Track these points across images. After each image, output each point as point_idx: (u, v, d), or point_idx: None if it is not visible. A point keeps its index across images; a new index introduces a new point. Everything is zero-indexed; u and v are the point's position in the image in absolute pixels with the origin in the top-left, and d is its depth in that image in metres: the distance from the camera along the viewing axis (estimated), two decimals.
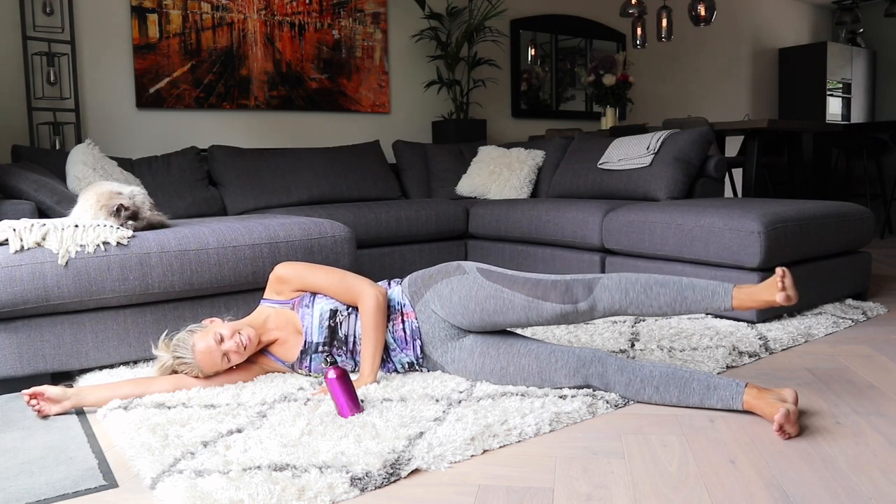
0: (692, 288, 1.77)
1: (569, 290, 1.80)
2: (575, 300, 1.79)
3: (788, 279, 1.71)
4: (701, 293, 1.76)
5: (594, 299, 1.79)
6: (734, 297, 1.74)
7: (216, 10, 4.37)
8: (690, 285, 1.77)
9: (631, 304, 1.78)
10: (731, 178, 5.68)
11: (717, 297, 1.75)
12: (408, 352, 2.01)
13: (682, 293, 1.76)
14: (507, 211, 3.62)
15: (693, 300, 1.76)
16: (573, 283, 1.81)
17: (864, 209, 3.01)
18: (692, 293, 1.76)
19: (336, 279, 2.01)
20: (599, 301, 1.79)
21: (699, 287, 1.76)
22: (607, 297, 1.78)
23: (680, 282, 1.78)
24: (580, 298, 1.79)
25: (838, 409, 1.78)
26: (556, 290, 1.81)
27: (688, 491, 1.34)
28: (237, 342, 1.90)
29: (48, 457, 1.57)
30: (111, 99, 4.08)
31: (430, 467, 1.45)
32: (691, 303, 1.76)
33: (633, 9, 5.73)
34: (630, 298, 1.78)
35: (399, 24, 5.20)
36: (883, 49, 8.82)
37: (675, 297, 1.77)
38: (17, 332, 2.03)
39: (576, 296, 1.79)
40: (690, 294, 1.76)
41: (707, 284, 1.77)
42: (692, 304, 1.76)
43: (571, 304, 1.79)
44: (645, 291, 1.78)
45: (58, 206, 2.65)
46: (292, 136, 4.77)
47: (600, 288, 1.79)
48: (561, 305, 1.80)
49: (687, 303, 1.76)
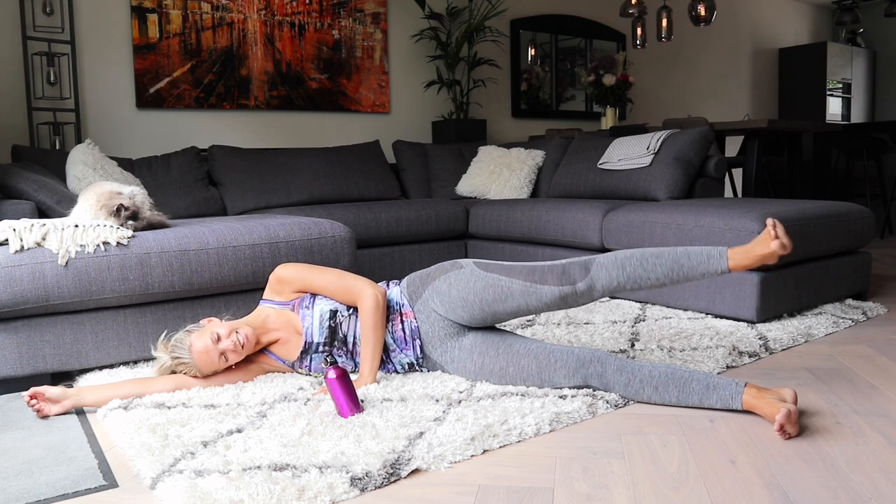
0: (687, 255, 1.77)
1: (566, 272, 1.81)
2: (573, 281, 1.79)
3: (780, 228, 1.71)
4: (696, 259, 1.76)
5: (591, 279, 1.79)
6: (730, 258, 1.74)
7: (216, 10, 4.37)
8: (685, 253, 1.77)
9: (629, 279, 1.78)
10: (731, 178, 5.68)
11: (713, 261, 1.75)
12: (407, 352, 2.01)
13: (678, 261, 1.76)
14: (507, 211, 3.62)
15: (689, 267, 1.76)
16: (569, 266, 1.82)
17: (864, 209, 3.01)
18: (688, 260, 1.76)
19: (335, 279, 2.01)
20: (597, 280, 1.79)
21: (694, 254, 1.76)
22: (605, 275, 1.79)
23: (675, 251, 1.78)
24: (578, 279, 1.79)
25: (838, 409, 1.78)
26: (553, 273, 1.81)
27: (688, 491, 1.34)
28: (234, 341, 1.90)
29: (48, 457, 1.57)
30: (111, 99, 4.08)
31: (430, 467, 1.45)
32: (688, 270, 1.76)
33: (633, 9, 5.73)
34: (627, 273, 1.78)
35: (399, 24, 5.20)
36: (883, 49, 8.82)
37: (672, 267, 1.76)
38: (17, 332, 2.03)
39: (573, 277, 1.80)
40: (686, 261, 1.76)
41: (702, 250, 1.77)
42: (689, 271, 1.76)
43: (570, 286, 1.79)
44: (641, 265, 1.78)
45: (58, 206, 2.65)
46: (292, 136, 4.77)
47: (597, 267, 1.80)
48: (559, 287, 1.80)
49: (684, 270, 1.76)
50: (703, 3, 5.35)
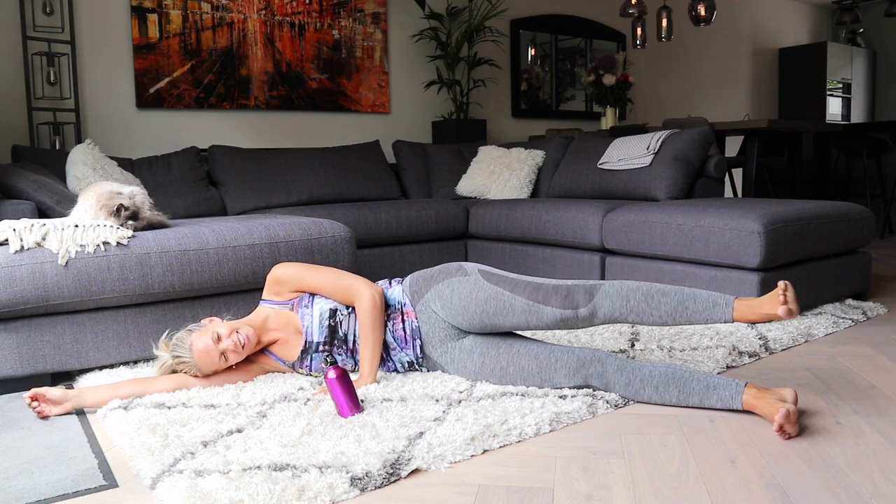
0: (693, 298, 1.75)
1: (570, 295, 1.80)
2: (575, 305, 1.79)
3: (791, 293, 1.69)
4: (702, 304, 1.74)
5: (595, 305, 1.78)
6: (735, 310, 1.72)
7: (216, 10, 4.37)
8: (692, 296, 1.76)
9: (631, 311, 1.78)
10: (731, 178, 5.68)
11: (717, 309, 1.73)
12: (408, 351, 2.01)
13: (683, 303, 1.75)
14: (507, 211, 3.62)
15: (694, 311, 1.75)
16: (574, 289, 1.81)
17: (864, 209, 3.01)
18: (693, 304, 1.75)
19: (332, 279, 2.01)
20: (600, 308, 1.78)
21: (700, 298, 1.75)
22: (608, 304, 1.78)
23: (681, 292, 1.77)
24: (581, 304, 1.79)
25: (838, 409, 1.77)
26: (558, 294, 1.81)
27: (688, 491, 1.34)
28: (234, 341, 1.90)
29: (48, 457, 1.57)
30: (111, 99, 4.08)
31: (430, 467, 1.45)
32: (692, 314, 1.75)
33: (633, 9, 5.73)
34: (631, 306, 1.77)
35: (399, 24, 5.20)
36: (883, 49, 8.82)
37: (676, 308, 1.76)
38: (17, 332, 2.03)
39: (576, 301, 1.79)
40: (692, 305, 1.75)
41: (709, 296, 1.76)
42: (693, 315, 1.75)
43: (572, 310, 1.79)
44: (646, 300, 1.77)
45: (58, 206, 2.65)
46: (292, 136, 4.77)
47: (601, 294, 1.79)
48: (561, 311, 1.80)
49: (688, 313, 1.75)
50: (703, 3, 5.35)
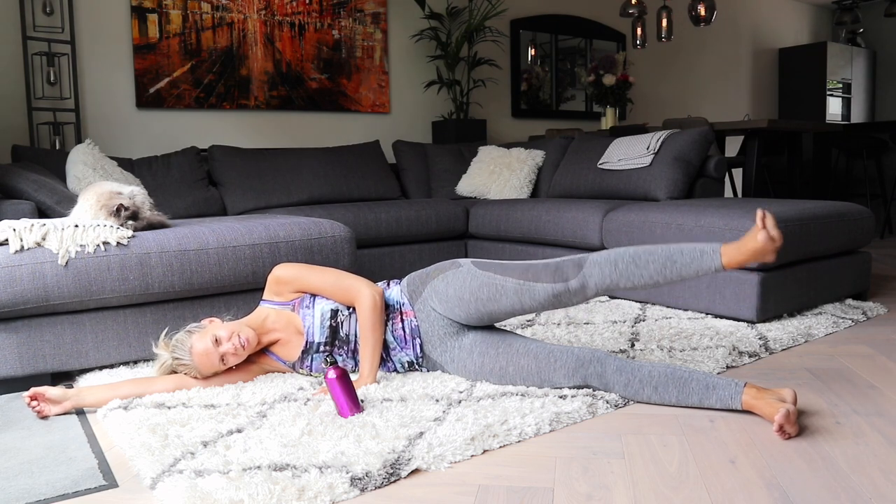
0: (680, 252, 1.76)
1: (559, 269, 1.80)
2: (566, 278, 1.79)
3: (770, 220, 1.70)
4: (689, 256, 1.75)
5: (584, 276, 1.78)
6: (723, 254, 1.73)
7: (216, 10, 4.37)
8: (678, 250, 1.76)
9: (621, 276, 1.77)
10: (731, 178, 5.68)
11: (706, 258, 1.74)
12: (407, 351, 2.01)
13: (671, 258, 1.75)
14: (507, 211, 3.62)
15: (683, 263, 1.75)
16: (563, 263, 1.82)
17: (864, 209, 3.01)
18: (681, 257, 1.75)
19: (332, 280, 2.01)
20: (590, 277, 1.78)
21: (687, 250, 1.75)
22: (597, 272, 1.78)
23: (668, 248, 1.78)
24: (570, 276, 1.79)
25: (838, 409, 1.78)
26: (547, 270, 1.81)
27: (688, 491, 1.34)
28: (235, 344, 1.90)
29: (48, 457, 1.57)
30: (111, 99, 4.08)
31: (430, 467, 1.45)
32: (681, 266, 1.75)
33: (633, 9, 5.73)
34: (620, 270, 1.77)
35: (399, 24, 5.20)
36: (883, 49, 8.82)
37: (665, 264, 1.75)
38: (17, 332, 2.03)
39: (566, 274, 1.79)
40: (679, 258, 1.75)
41: (695, 246, 1.76)
42: (682, 268, 1.75)
43: (563, 283, 1.79)
44: (634, 261, 1.77)
45: (58, 206, 2.65)
46: (292, 136, 4.77)
47: (590, 264, 1.79)
48: (552, 285, 1.79)
49: (677, 267, 1.75)
50: (703, 3, 5.35)
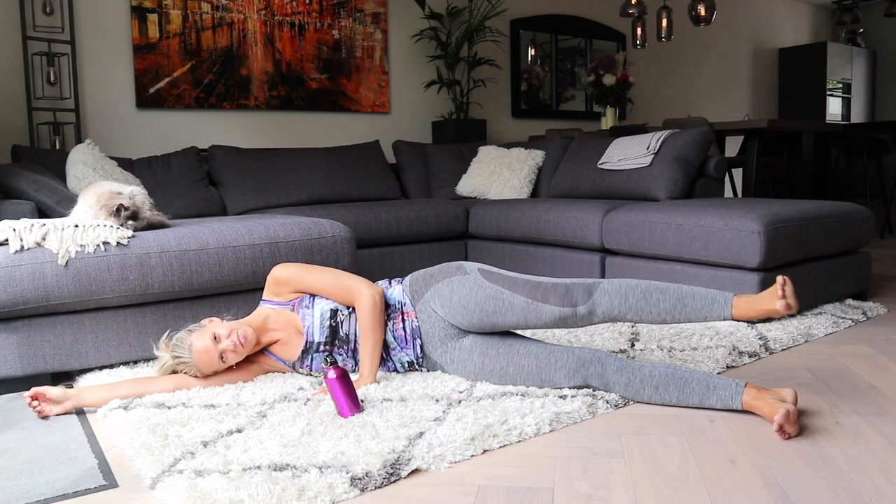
0: (692, 296, 1.75)
1: (568, 293, 1.80)
2: (574, 303, 1.79)
3: (789, 287, 1.69)
4: (701, 301, 1.74)
5: (593, 303, 1.78)
6: (734, 306, 1.72)
7: (216, 10, 4.37)
8: (691, 293, 1.76)
9: (630, 309, 1.77)
10: (731, 178, 5.68)
11: (716, 306, 1.73)
12: (408, 351, 2.01)
13: (681, 300, 1.75)
14: (507, 211, 3.62)
15: (693, 308, 1.74)
16: (573, 287, 1.81)
17: (864, 209, 3.01)
18: (692, 301, 1.75)
19: (332, 280, 2.01)
20: (598, 305, 1.78)
21: (699, 295, 1.75)
22: (607, 302, 1.78)
23: (680, 289, 1.77)
24: (579, 302, 1.79)
25: (838, 409, 1.78)
26: (556, 292, 1.80)
27: (688, 491, 1.34)
28: (234, 341, 1.90)
29: (48, 457, 1.57)
30: (111, 99, 4.08)
31: (430, 467, 1.45)
32: (691, 311, 1.75)
33: (633, 9, 5.73)
34: (629, 304, 1.77)
35: (399, 24, 5.20)
36: (883, 49, 8.82)
37: (675, 305, 1.75)
38: (17, 332, 2.03)
39: (575, 299, 1.79)
40: (690, 302, 1.75)
41: (707, 293, 1.75)
42: (692, 313, 1.75)
43: (570, 308, 1.79)
44: (645, 297, 1.77)
45: (58, 206, 2.65)
46: (292, 136, 4.77)
47: (600, 292, 1.79)
48: (560, 308, 1.79)
49: (686, 311, 1.75)
50: (703, 3, 5.35)
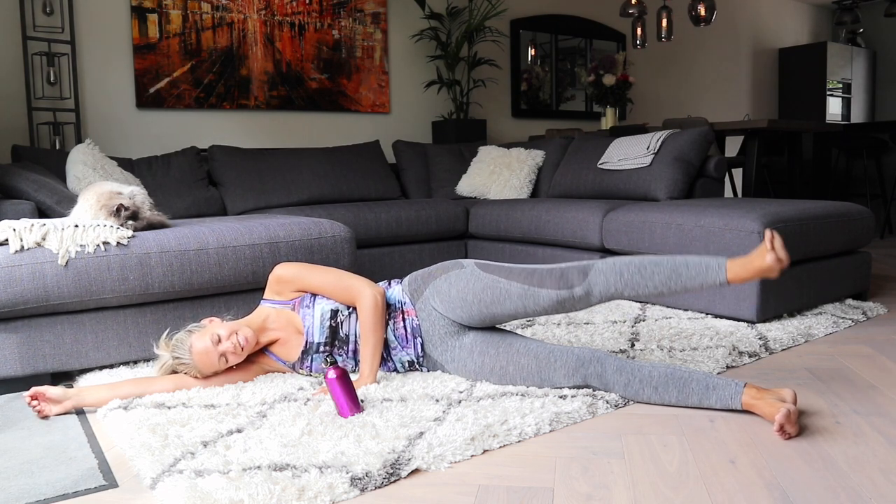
0: (686, 265, 1.76)
1: (564, 276, 1.80)
2: (570, 285, 1.79)
3: (778, 241, 1.70)
4: (695, 269, 1.75)
5: (589, 283, 1.78)
6: (728, 270, 1.73)
7: (216, 10, 4.37)
8: (684, 262, 1.76)
9: (626, 285, 1.78)
10: (731, 178, 5.68)
11: (711, 272, 1.74)
12: (408, 350, 2.01)
13: (676, 270, 1.75)
14: (508, 211, 3.62)
15: (688, 276, 1.75)
16: (568, 270, 1.82)
17: (864, 209, 3.01)
18: (686, 269, 1.75)
19: (334, 279, 2.01)
20: (595, 285, 1.78)
21: (693, 263, 1.76)
22: (602, 281, 1.78)
23: (674, 259, 1.78)
24: (575, 283, 1.79)
25: (838, 409, 1.78)
26: (552, 276, 1.81)
27: (688, 491, 1.34)
28: (234, 343, 1.90)
29: (48, 457, 1.57)
30: (111, 99, 4.08)
31: (430, 467, 1.45)
32: (686, 279, 1.75)
33: (633, 9, 5.73)
34: (625, 280, 1.77)
35: (399, 24, 5.20)
36: (883, 49, 8.82)
37: (670, 275, 1.76)
38: (17, 332, 2.03)
39: (571, 281, 1.79)
40: (685, 271, 1.75)
41: (701, 260, 1.76)
42: (687, 281, 1.75)
43: (567, 290, 1.79)
44: (639, 272, 1.77)
45: (58, 206, 2.65)
46: (292, 136, 4.77)
47: (595, 272, 1.79)
48: (557, 291, 1.80)
49: (682, 280, 1.75)
50: (703, 3, 5.35)
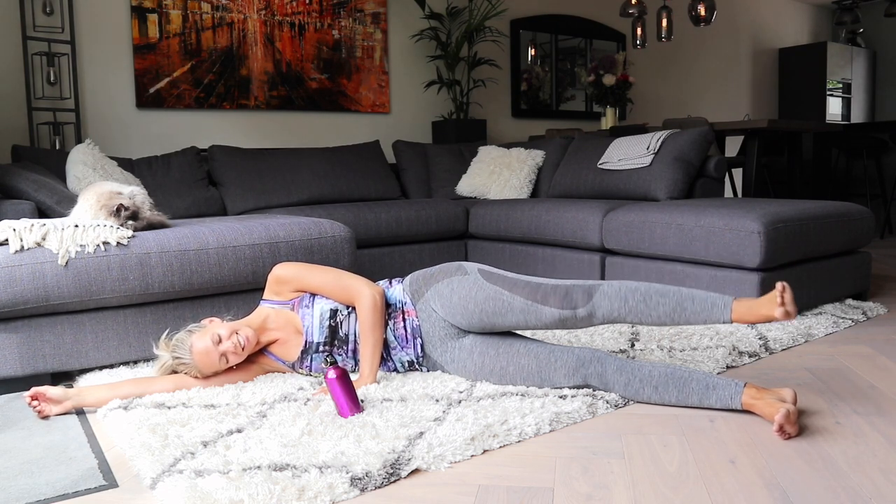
0: (692, 299, 1.75)
1: (568, 295, 1.80)
2: (574, 305, 1.79)
3: (788, 294, 1.68)
4: (700, 305, 1.74)
5: (593, 306, 1.78)
6: (733, 311, 1.72)
7: (216, 10, 4.37)
8: (690, 296, 1.76)
9: (630, 312, 1.78)
10: (731, 178, 5.68)
11: (716, 310, 1.73)
12: (408, 350, 2.01)
13: (681, 304, 1.75)
14: (508, 211, 3.62)
15: (692, 311, 1.75)
16: (573, 289, 1.81)
17: (864, 209, 3.01)
18: (691, 304, 1.75)
19: (333, 279, 2.01)
20: (598, 308, 1.78)
21: (699, 299, 1.75)
22: (606, 305, 1.78)
23: (680, 292, 1.77)
24: (579, 304, 1.79)
25: (838, 409, 1.78)
26: (556, 294, 1.81)
27: (688, 491, 1.34)
28: (235, 343, 1.90)
29: (48, 457, 1.57)
30: (111, 99, 4.08)
31: (430, 467, 1.45)
32: (690, 314, 1.75)
33: (633, 9, 5.73)
34: (629, 307, 1.77)
35: (399, 24, 5.20)
36: (883, 49, 8.82)
37: (675, 308, 1.76)
38: (17, 332, 2.03)
39: (575, 301, 1.79)
40: (690, 305, 1.75)
41: (707, 296, 1.75)
42: (691, 316, 1.75)
43: (570, 310, 1.79)
44: (644, 301, 1.77)
45: (58, 206, 2.65)
46: (292, 136, 4.77)
47: (600, 295, 1.79)
48: (559, 310, 1.80)
49: (686, 314, 1.75)
50: (703, 3, 5.35)
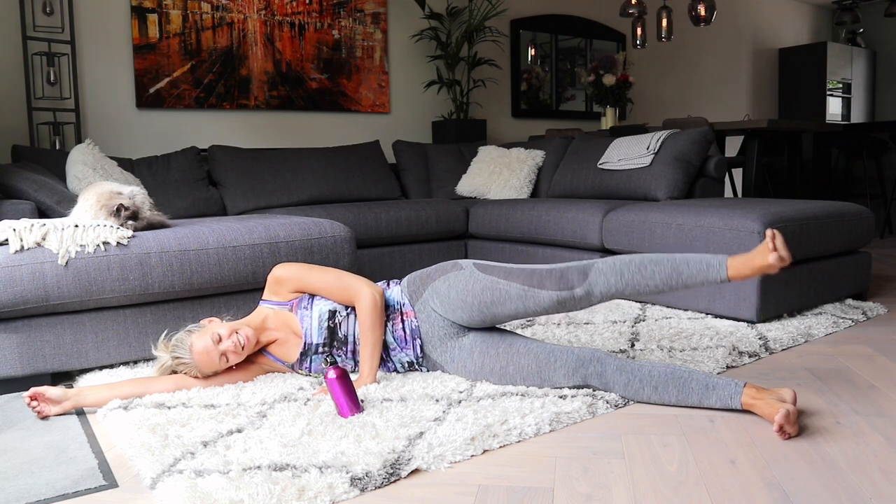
0: (687, 263, 1.76)
1: (564, 276, 1.80)
2: (571, 286, 1.79)
3: (779, 240, 1.70)
4: (696, 267, 1.75)
5: (590, 284, 1.78)
6: (729, 267, 1.72)
7: (216, 10, 4.37)
8: (685, 260, 1.76)
9: (627, 285, 1.77)
10: (731, 178, 5.68)
11: (712, 270, 1.74)
12: (408, 351, 2.01)
13: (676, 269, 1.75)
14: (508, 211, 3.62)
15: (689, 274, 1.75)
16: (568, 270, 1.81)
17: (864, 209, 3.01)
18: (687, 268, 1.75)
19: (332, 279, 2.00)
20: (595, 285, 1.78)
21: (694, 261, 1.75)
22: (603, 281, 1.78)
23: (674, 258, 1.77)
24: (576, 284, 1.79)
25: (838, 409, 1.78)
26: (552, 277, 1.81)
27: (688, 491, 1.34)
28: (235, 342, 1.90)
29: (48, 457, 1.57)
30: (111, 99, 4.08)
31: (430, 467, 1.45)
32: (687, 277, 1.75)
33: (633, 9, 5.73)
34: (626, 279, 1.77)
35: (399, 24, 5.20)
36: (883, 49, 8.82)
37: (671, 274, 1.75)
38: (17, 332, 2.03)
39: (571, 282, 1.79)
40: (685, 269, 1.75)
41: (701, 258, 1.76)
42: (688, 279, 1.75)
43: (567, 291, 1.79)
44: (640, 271, 1.77)
45: (58, 206, 2.65)
46: (292, 136, 4.77)
47: (595, 272, 1.79)
48: (557, 292, 1.79)
49: (682, 278, 1.75)
50: (703, 3, 5.35)
